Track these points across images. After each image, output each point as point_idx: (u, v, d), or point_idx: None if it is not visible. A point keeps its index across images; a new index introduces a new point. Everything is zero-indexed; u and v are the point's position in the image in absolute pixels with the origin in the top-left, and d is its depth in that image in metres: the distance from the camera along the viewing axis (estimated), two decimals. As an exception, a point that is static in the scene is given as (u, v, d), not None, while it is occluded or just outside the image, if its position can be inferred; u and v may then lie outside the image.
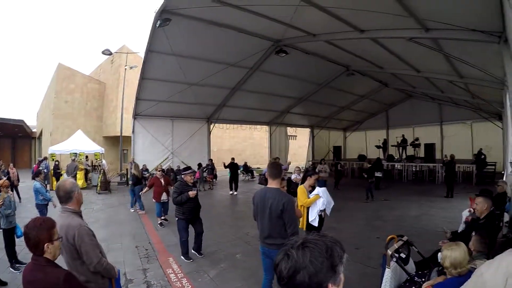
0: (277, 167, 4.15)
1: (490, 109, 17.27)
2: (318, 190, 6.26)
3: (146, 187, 10.63)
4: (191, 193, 6.54)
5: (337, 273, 1.18)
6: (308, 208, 6.17)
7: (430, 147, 21.85)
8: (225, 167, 17.10)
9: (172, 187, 8.82)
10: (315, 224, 6.08)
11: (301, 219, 6.19)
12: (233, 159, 17.70)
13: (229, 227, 9.71)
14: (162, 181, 10.18)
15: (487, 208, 4.48)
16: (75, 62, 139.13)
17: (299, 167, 12.12)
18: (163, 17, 10.19)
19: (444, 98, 20.39)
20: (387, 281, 3.85)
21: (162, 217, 10.02)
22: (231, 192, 16.50)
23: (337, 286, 1.18)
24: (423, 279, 3.78)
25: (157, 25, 10.46)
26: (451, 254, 3.07)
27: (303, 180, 6.89)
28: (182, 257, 6.75)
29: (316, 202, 6.11)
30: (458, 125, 22.93)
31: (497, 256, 1.47)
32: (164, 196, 10.07)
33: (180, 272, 6.11)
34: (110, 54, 20.93)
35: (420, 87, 18.90)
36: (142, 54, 14.78)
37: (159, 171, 10.56)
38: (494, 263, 1.43)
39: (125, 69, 22.41)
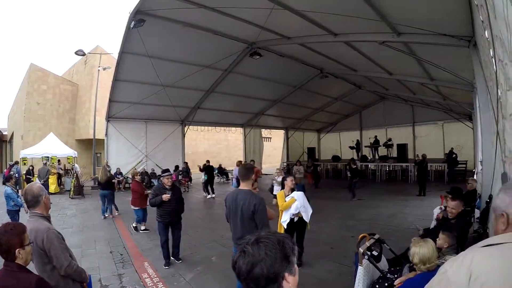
0: (247, 169, 4.18)
1: (460, 110, 17.89)
2: (295, 194, 6.31)
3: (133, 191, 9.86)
4: (164, 197, 6.42)
5: (291, 263, 1.27)
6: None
7: (402, 147, 22.32)
8: (201, 170, 16.92)
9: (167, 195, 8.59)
10: (284, 226, 6.15)
11: (278, 224, 6.28)
12: (208, 161, 17.55)
13: (204, 230, 9.66)
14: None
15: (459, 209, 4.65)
16: (48, 62, 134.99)
17: (279, 169, 12.25)
18: (138, 18, 10.07)
19: (416, 100, 20.94)
20: (360, 279, 3.94)
21: (142, 226, 9.56)
22: (206, 195, 16.20)
23: (293, 275, 1.27)
24: (396, 276, 3.88)
25: (132, 26, 10.33)
26: (420, 250, 3.18)
27: (282, 186, 6.97)
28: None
29: (292, 205, 6.16)
30: (430, 126, 23.74)
31: (461, 253, 1.52)
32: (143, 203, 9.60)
33: (155, 276, 6.05)
34: (84, 54, 20.36)
35: (392, 89, 19.34)
36: (116, 55, 14.57)
37: (138, 175, 10.27)
38: (458, 259, 1.48)
39: (99, 70, 21.90)
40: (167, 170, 7.08)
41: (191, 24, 11.13)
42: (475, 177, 9.53)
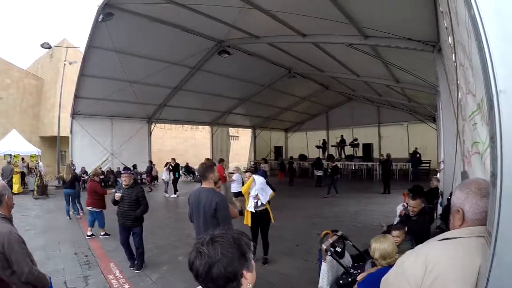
0: (206, 167, 4.15)
1: (425, 111, 18.51)
2: (255, 176, 6.51)
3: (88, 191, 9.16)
4: (116, 195, 6.20)
5: (248, 259, 1.28)
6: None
7: (368, 147, 23.01)
8: (171, 169, 16.60)
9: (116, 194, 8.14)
10: (252, 209, 6.29)
11: (245, 215, 6.42)
12: (173, 159, 17.30)
13: (171, 229, 9.55)
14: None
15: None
16: (11, 55, 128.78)
17: (237, 167, 12.39)
18: (106, 11, 9.87)
19: (382, 101, 21.56)
20: (324, 274, 4.06)
21: (102, 231, 8.88)
22: (173, 195, 15.93)
23: (251, 272, 1.29)
24: (359, 271, 3.98)
25: (100, 20, 10.12)
26: (380, 246, 3.30)
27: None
28: None
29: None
30: (395, 126, 24.43)
31: (418, 246, 1.59)
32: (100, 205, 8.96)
33: (121, 277, 5.92)
34: (50, 47, 19.45)
35: (359, 90, 19.78)
36: (83, 49, 14.04)
37: (97, 176, 9.62)
38: (414, 252, 1.55)
39: (65, 64, 21.10)
40: (127, 169, 6.80)
41: (160, 20, 11.01)
42: (437, 176, 9.90)
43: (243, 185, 7.22)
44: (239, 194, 10.19)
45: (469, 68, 2.03)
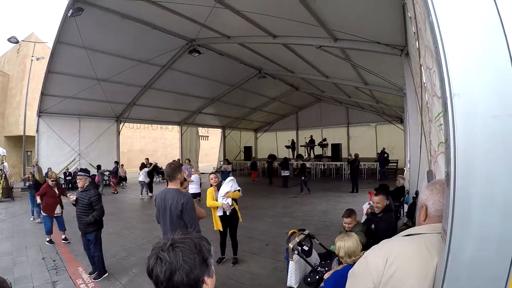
0: (173, 168, 4.11)
1: (392, 113, 19.06)
2: (227, 181, 6.54)
3: (37, 196, 8.59)
4: (71, 198, 6.02)
5: (209, 265, 1.26)
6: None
7: (337, 147, 23.37)
8: (150, 170, 16.22)
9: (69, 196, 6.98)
10: (220, 213, 6.26)
11: (214, 221, 6.36)
12: (147, 159, 17.16)
13: (139, 231, 9.39)
14: (56, 190, 8.45)
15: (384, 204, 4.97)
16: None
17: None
18: (76, 6, 9.58)
19: (351, 102, 22.04)
20: (292, 273, 4.10)
21: (63, 235, 8.49)
22: (149, 195, 15.63)
23: (211, 277, 1.27)
24: (326, 269, 4.06)
25: (69, 15, 9.80)
26: (344, 244, 3.35)
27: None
28: None
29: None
30: (364, 127, 25.12)
31: (383, 240, 1.66)
32: (58, 209, 8.42)
33: (90, 281, 5.78)
34: (17, 42, 18.47)
35: (329, 91, 20.13)
36: (51, 45, 13.42)
37: (52, 180, 8.64)
38: (378, 246, 1.61)
39: (32, 60, 20.27)
40: (83, 170, 6.37)
41: (131, 17, 10.82)
42: (404, 175, 10.19)
43: (201, 186, 7.17)
44: (196, 196, 10.14)
45: (436, 72, 2.11)
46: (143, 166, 16.19)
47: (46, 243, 8.21)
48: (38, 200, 8.47)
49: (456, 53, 1.08)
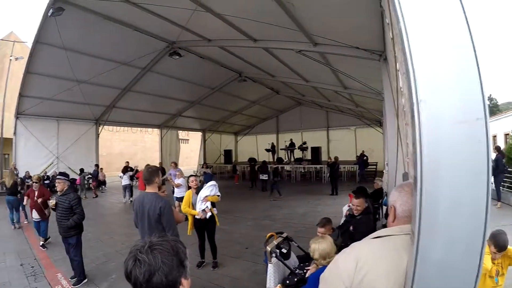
0: (150, 172, 4.10)
1: (371, 116, 19.35)
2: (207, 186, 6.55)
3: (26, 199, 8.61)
4: (50, 203, 5.93)
5: (185, 267, 1.29)
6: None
7: (316, 150, 23.63)
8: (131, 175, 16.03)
9: (49, 201, 6.84)
10: (197, 216, 6.23)
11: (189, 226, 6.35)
12: (127, 163, 16.97)
13: (119, 236, 9.25)
14: (36, 192, 8.21)
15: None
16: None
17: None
18: (57, 5, 9.39)
19: (330, 106, 22.22)
20: (271, 275, 4.12)
21: (41, 241, 8.27)
22: (130, 199, 15.13)
23: (187, 279, 1.30)
24: (304, 271, 4.11)
25: (49, 14, 9.60)
26: (319, 246, 3.40)
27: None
28: None
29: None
30: (343, 130, 25.51)
31: (353, 243, 1.68)
32: (35, 214, 8.14)
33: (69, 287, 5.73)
34: None
35: (308, 95, 20.29)
36: (30, 45, 13.20)
37: (34, 182, 8.55)
38: (347, 249, 1.64)
39: (10, 60, 19.95)
40: (63, 174, 6.29)
41: (112, 18, 10.69)
42: (382, 178, 10.35)
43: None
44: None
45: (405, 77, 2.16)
46: (125, 169, 15.95)
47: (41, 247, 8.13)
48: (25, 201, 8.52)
49: (423, 59, 1.11)
